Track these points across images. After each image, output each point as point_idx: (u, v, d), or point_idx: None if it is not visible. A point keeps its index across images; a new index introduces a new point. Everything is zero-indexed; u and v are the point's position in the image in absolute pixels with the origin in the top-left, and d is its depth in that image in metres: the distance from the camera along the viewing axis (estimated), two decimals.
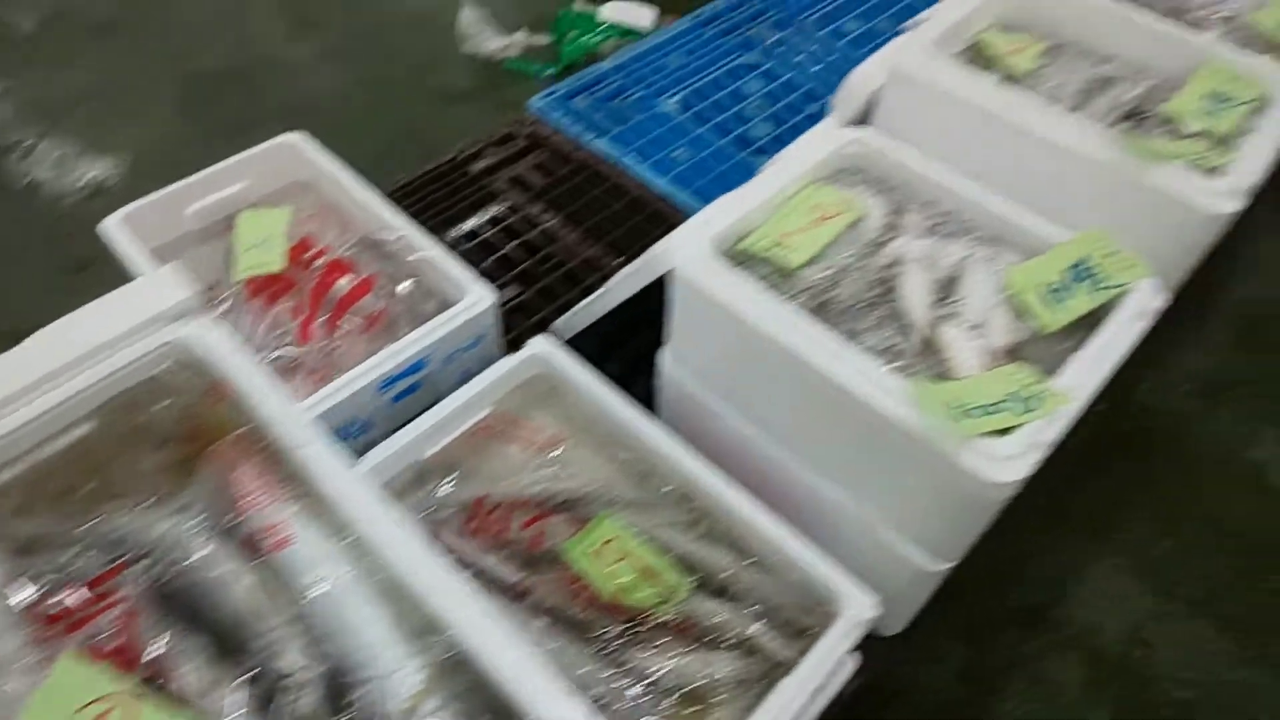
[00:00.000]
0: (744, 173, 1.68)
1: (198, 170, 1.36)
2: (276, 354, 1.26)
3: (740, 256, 1.01)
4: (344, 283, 1.33)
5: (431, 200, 1.65)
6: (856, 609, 0.89)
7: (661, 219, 1.62)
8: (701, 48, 2.00)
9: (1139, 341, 0.92)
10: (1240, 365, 1.65)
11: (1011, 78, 1.15)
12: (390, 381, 1.20)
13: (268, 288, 1.31)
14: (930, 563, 0.96)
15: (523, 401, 1.15)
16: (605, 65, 1.92)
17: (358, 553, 0.66)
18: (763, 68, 1.96)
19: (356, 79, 2.22)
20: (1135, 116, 1.11)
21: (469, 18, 2.27)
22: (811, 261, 0.99)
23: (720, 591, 0.96)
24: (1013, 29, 1.26)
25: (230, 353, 0.79)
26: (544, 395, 1.15)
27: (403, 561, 0.68)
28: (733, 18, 2.09)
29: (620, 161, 1.71)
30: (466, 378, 1.17)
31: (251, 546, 0.65)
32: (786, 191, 1.06)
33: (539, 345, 1.14)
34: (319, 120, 2.08)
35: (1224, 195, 0.94)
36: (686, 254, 0.96)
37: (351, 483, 0.71)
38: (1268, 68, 1.15)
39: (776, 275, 0.98)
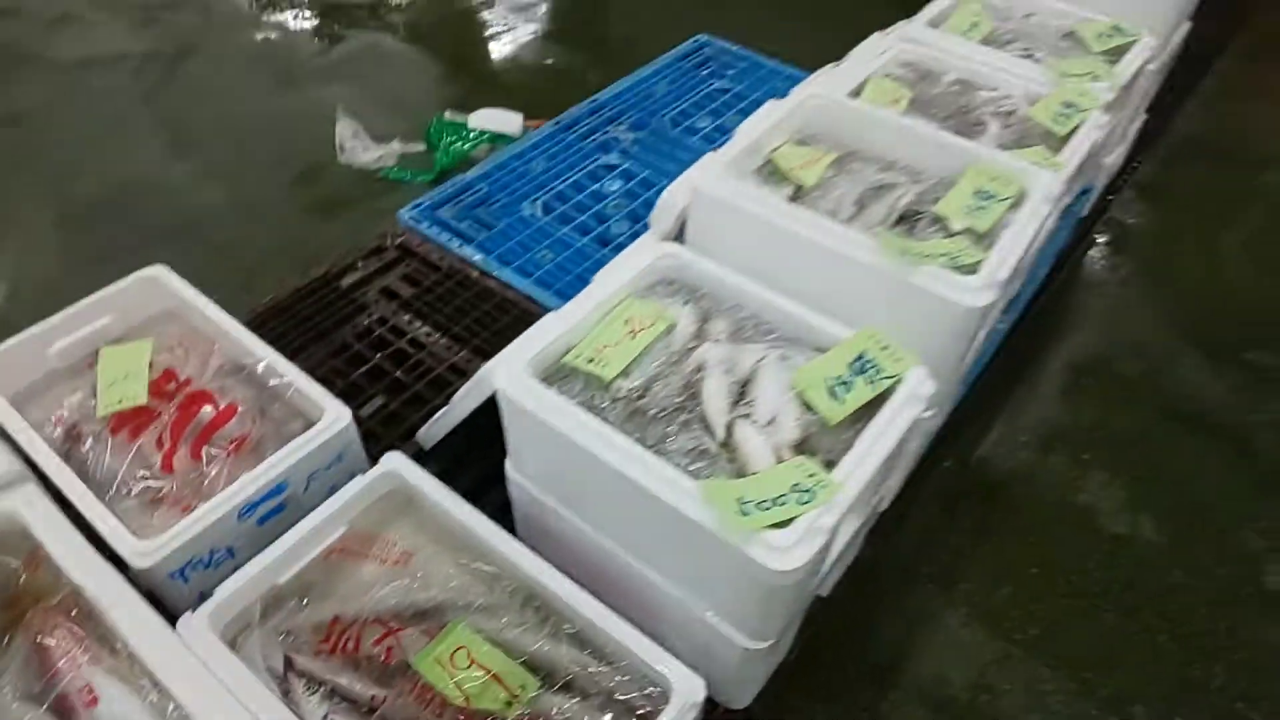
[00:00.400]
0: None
1: (78, 298, 1.39)
2: (141, 487, 1.30)
3: (562, 371, 1.10)
4: (207, 411, 1.38)
5: (304, 316, 1.72)
6: (687, 692, 0.96)
7: (526, 320, 1.71)
8: (563, 152, 2.13)
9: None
10: (1065, 417, 1.81)
11: (802, 189, 1.29)
12: (252, 507, 1.25)
13: (131, 421, 1.35)
14: (751, 642, 1.04)
15: (380, 516, 1.20)
16: (471, 174, 2.04)
17: (166, 707, 0.71)
18: (620, 168, 2.10)
19: (234, 197, 2.29)
20: (910, 218, 1.25)
21: (344, 130, 2.37)
22: (625, 372, 1.09)
23: (567, 687, 1.02)
24: (807, 141, 1.41)
25: (47, 519, 0.84)
26: (400, 507, 1.21)
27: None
28: (591, 123, 2.23)
29: (486, 267, 1.81)
30: (333, 491, 1.23)
31: (63, 708, 0.69)
32: (605, 306, 1.16)
33: (391, 461, 1.20)
34: (198, 240, 2.14)
35: (976, 291, 1.08)
36: (507, 374, 1.05)
37: (162, 639, 0.76)
38: (1027, 166, 1.32)
39: (594, 387, 1.08)
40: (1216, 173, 2.48)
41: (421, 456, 1.51)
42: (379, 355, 1.65)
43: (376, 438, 1.52)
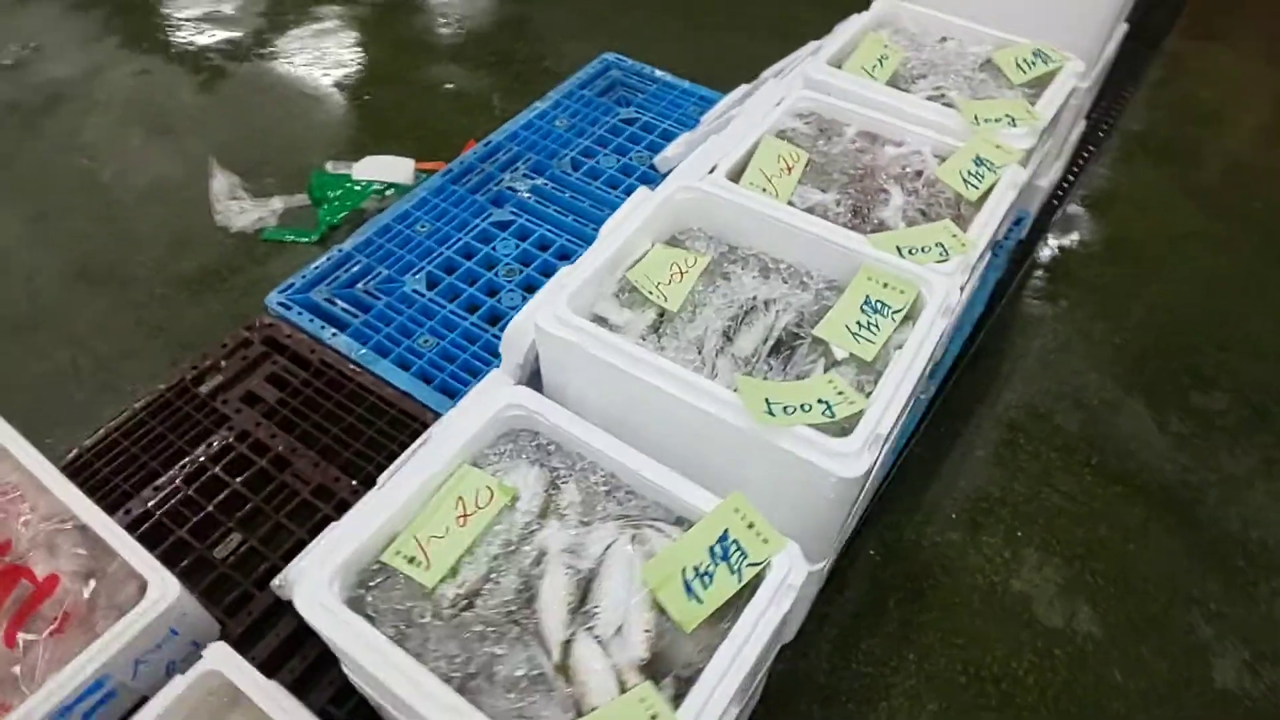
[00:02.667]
0: (491, 354, 1.64)
1: None
2: None
3: (382, 571, 0.95)
4: (23, 585, 1.22)
5: (156, 436, 1.55)
6: None
7: (402, 423, 1.56)
8: (452, 209, 1.95)
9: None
10: (999, 485, 1.68)
11: (664, 315, 1.13)
12: (69, 708, 1.11)
13: None
14: None
15: (209, 714, 1.06)
16: (349, 244, 1.86)
17: None
18: (515, 224, 1.92)
19: (96, 275, 2.09)
20: (789, 343, 1.09)
21: (219, 187, 2.18)
22: (454, 570, 0.94)
23: None
24: (681, 240, 1.25)
25: None
26: (230, 704, 1.07)
27: None
28: (485, 169, 2.05)
29: (361, 360, 1.65)
30: (171, 670, 1.09)
31: None
32: (437, 478, 1.01)
33: (213, 659, 1.05)
34: (53, 331, 1.95)
35: (849, 458, 0.93)
36: (305, 585, 0.90)
37: None
38: (920, 272, 1.16)
39: (417, 595, 0.93)
40: (1164, 177, 2.33)
41: (280, 606, 1.37)
42: (238, 480, 1.49)
43: (231, 584, 1.37)
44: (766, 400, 0.97)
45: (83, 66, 2.67)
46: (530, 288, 1.80)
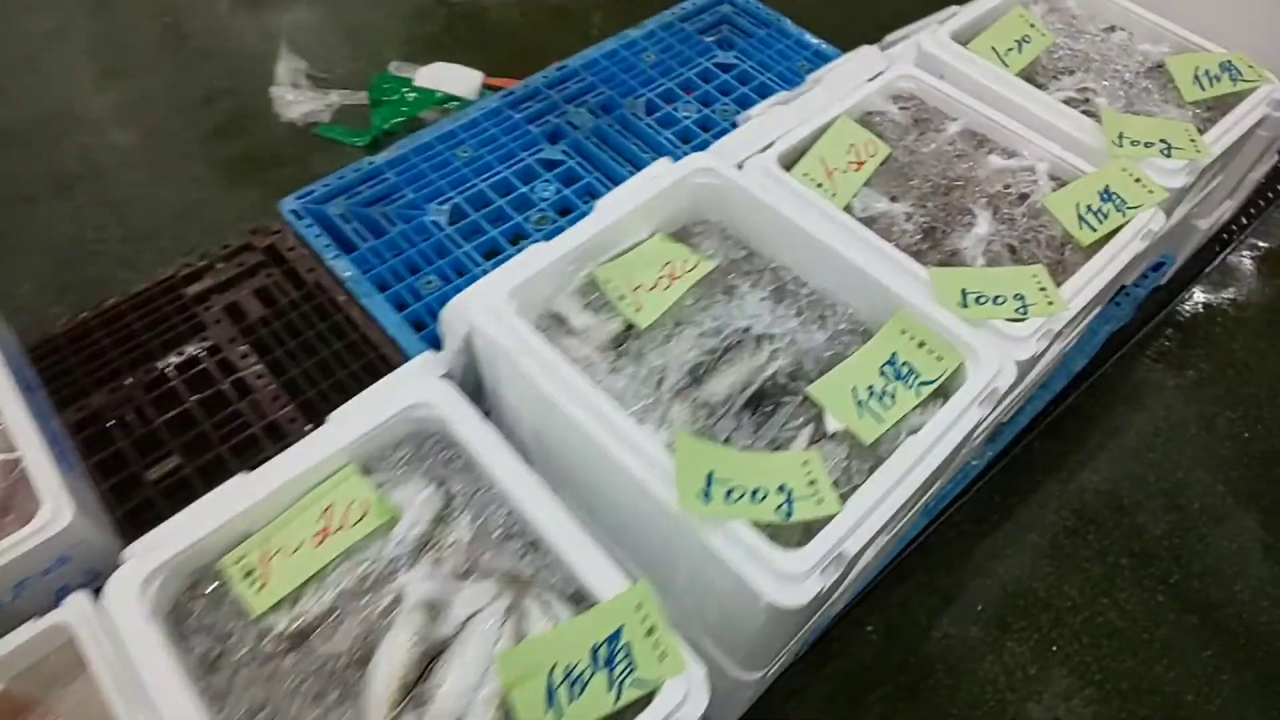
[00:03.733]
0: None
1: None
2: None
3: (219, 578, 0.80)
4: None
5: (128, 334, 1.45)
6: None
7: (377, 370, 1.40)
8: (503, 135, 1.75)
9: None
10: (1046, 583, 1.39)
11: (630, 329, 0.90)
12: None
13: None
14: None
15: (49, 676, 0.96)
16: (381, 158, 1.69)
17: None
18: (562, 166, 1.71)
19: (149, 143, 2.02)
20: (773, 397, 0.85)
21: (284, 72, 2.05)
22: (293, 599, 0.78)
23: None
24: (690, 233, 1.01)
25: None
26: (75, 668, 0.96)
27: None
28: (550, 97, 1.83)
29: (356, 290, 1.50)
30: (62, 594, 0.99)
31: None
32: (316, 474, 0.84)
33: (71, 610, 0.94)
34: (96, 194, 1.90)
35: (790, 581, 0.70)
36: (117, 582, 0.76)
37: None
38: (974, 340, 0.88)
39: (241, 618, 0.77)
40: None
41: None
42: (193, 398, 1.38)
43: (155, 512, 1.27)
44: (708, 475, 0.75)
45: None
46: None
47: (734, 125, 1.78)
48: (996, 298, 0.99)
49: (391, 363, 1.41)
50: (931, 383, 0.86)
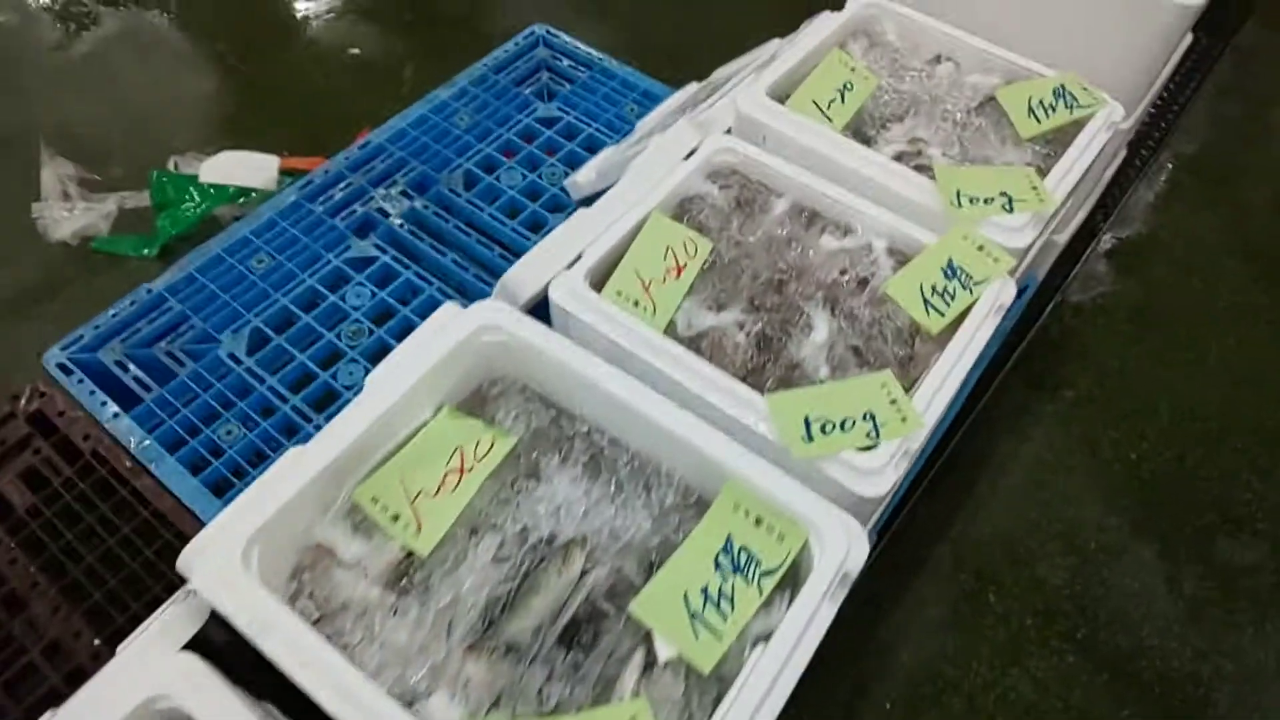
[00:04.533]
0: None
1: None
2: None
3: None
4: None
5: None
6: None
7: (174, 551, 1.20)
8: (304, 236, 1.55)
9: None
10: (955, 662, 1.30)
11: (414, 557, 0.74)
12: None
13: None
14: None
15: None
16: (160, 283, 1.47)
17: None
18: (377, 264, 1.52)
19: None
20: (591, 626, 0.70)
21: (50, 180, 1.78)
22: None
23: None
24: (488, 395, 0.85)
25: None
26: None
27: None
28: (354, 182, 1.63)
29: (143, 455, 1.28)
30: None
31: None
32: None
33: None
34: None
35: None
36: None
37: None
38: (809, 500, 0.76)
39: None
40: (1216, 223, 1.86)
41: None
42: None
43: None
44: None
45: None
46: (378, 355, 1.40)
47: (564, 191, 1.64)
48: (845, 422, 0.87)
49: (189, 539, 1.21)
50: (774, 572, 0.72)
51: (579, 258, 1.00)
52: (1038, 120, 1.19)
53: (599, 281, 0.98)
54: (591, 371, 0.83)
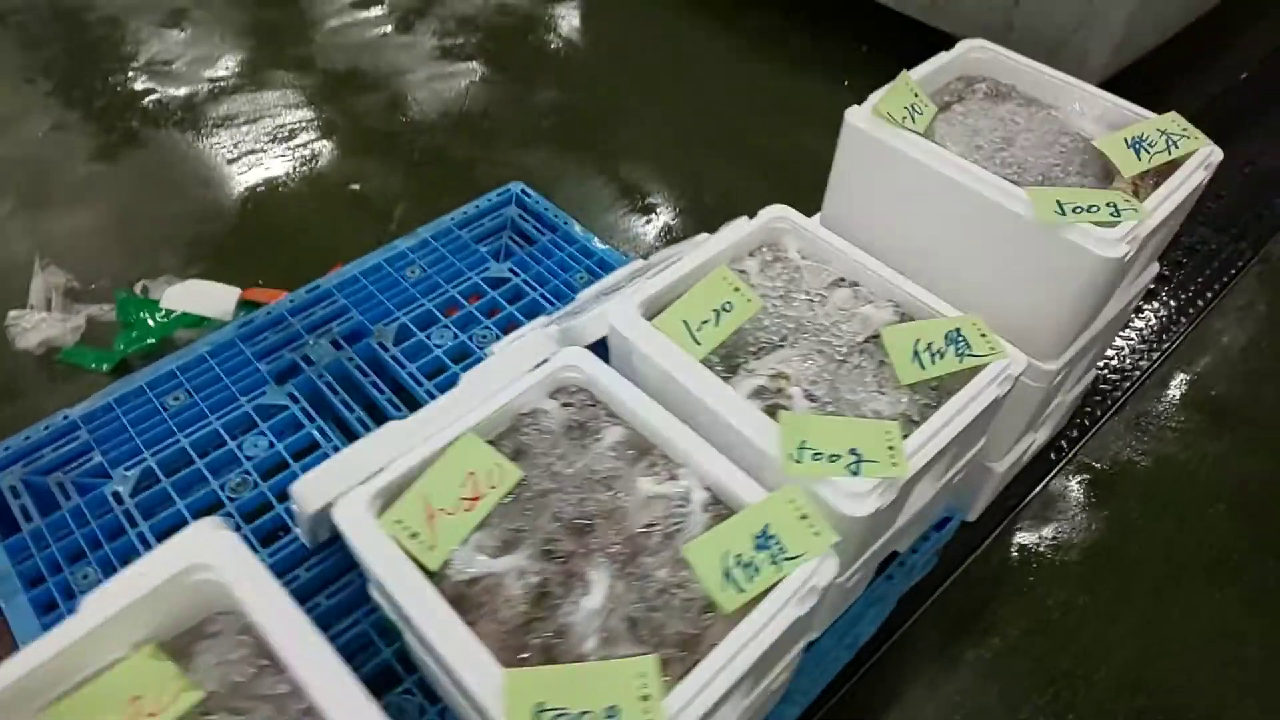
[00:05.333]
0: None
1: None
2: None
3: None
4: None
5: None
6: None
7: None
8: (226, 376, 1.57)
9: None
10: None
11: None
12: None
13: None
14: None
15: None
16: (78, 410, 1.51)
17: None
18: (284, 415, 1.52)
19: None
20: None
21: (39, 288, 1.89)
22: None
23: None
24: (201, 634, 0.80)
25: None
26: None
27: None
28: (291, 326, 1.66)
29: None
30: None
31: None
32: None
33: None
34: None
35: None
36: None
37: None
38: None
39: None
40: (1208, 459, 1.68)
41: None
42: None
43: None
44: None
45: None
46: (257, 512, 1.39)
47: (490, 355, 1.62)
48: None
49: None
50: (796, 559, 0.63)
51: (381, 471, 0.97)
52: (922, 365, 1.11)
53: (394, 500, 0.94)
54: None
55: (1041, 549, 1.54)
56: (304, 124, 2.44)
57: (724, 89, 2.63)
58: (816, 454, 0.99)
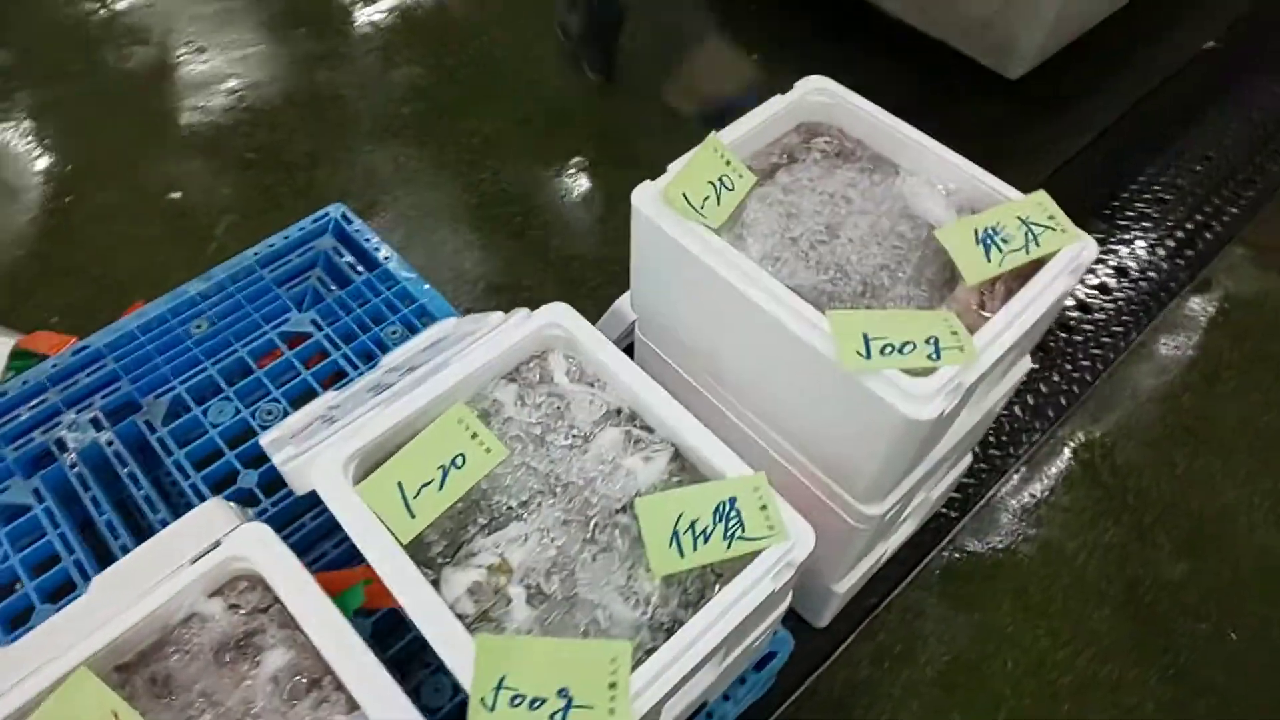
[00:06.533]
0: None
1: None
2: None
3: None
4: None
5: None
6: None
7: None
8: None
9: None
10: None
11: None
12: None
13: None
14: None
15: None
16: None
17: None
18: (26, 519, 1.32)
19: None
20: None
21: None
22: None
23: None
24: None
25: None
26: None
27: None
28: (47, 400, 1.44)
29: None
30: None
31: None
32: None
33: None
34: None
35: None
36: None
37: None
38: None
39: None
40: (1105, 549, 1.48)
41: None
42: None
43: None
44: None
45: None
46: None
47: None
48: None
49: None
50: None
51: None
52: (680, 553, 0.89)
53: None
54: None
55: (895, 661, 1.36)
56: (115, 109, 2.13)
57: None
58: (517, 697, 0.79)
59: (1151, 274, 1.99)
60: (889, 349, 0.90)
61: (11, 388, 1.46)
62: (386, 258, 1.64)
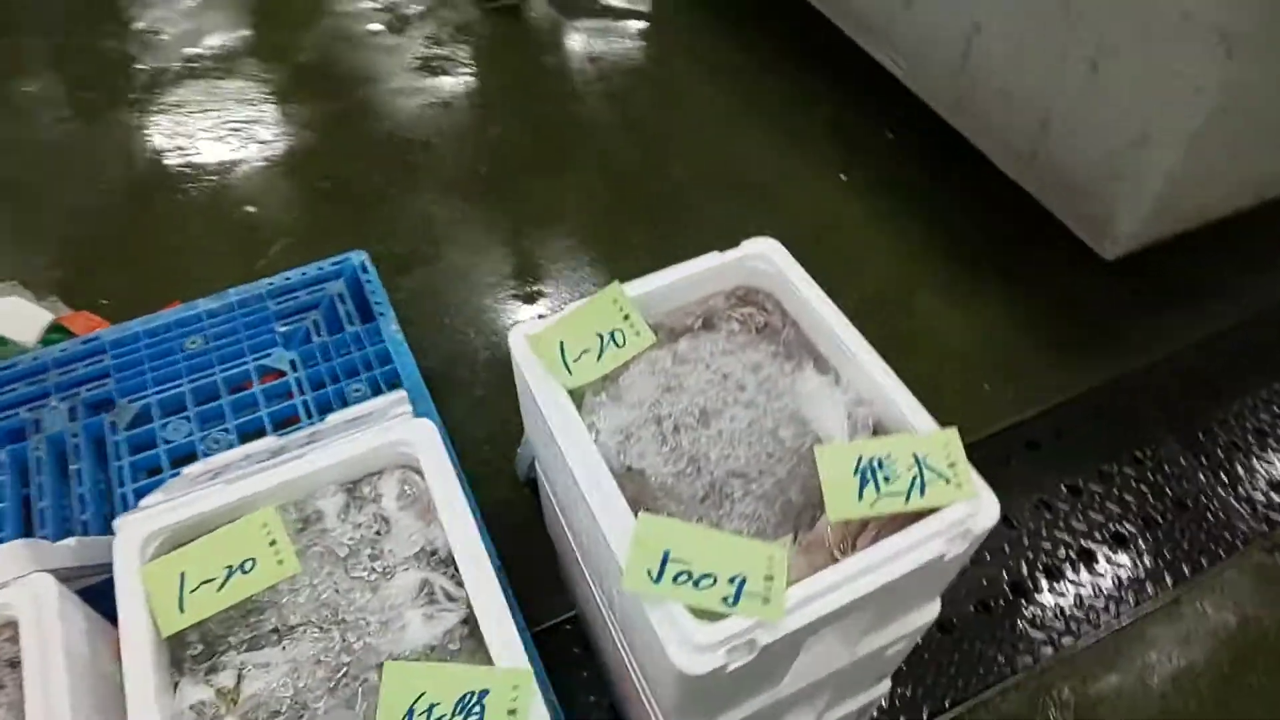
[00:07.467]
0: None
1: None
2: None
3: None
4: None
5: None
6: None
7: None
8: None
9: None
10: None
11: None
12: None
13: None
14: None
15: None
16: None
17: None
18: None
19: None
20: None
21: None
22: None
23: None
24: None
25: None
26: None
27: None
28: (44, 380, 1.56)
29: None
30: None
31: None
32: None
33: None
34: None
35: None
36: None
37: None
38: None
39: None
40: None
41: None
42: None
43: None
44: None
45: None
46: None
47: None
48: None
49: None
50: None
51: None
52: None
53: None
54: None
55: None
56: (235, 127, 2.32)
57: (703, 164, 2.27)
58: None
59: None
60: (683, 577, 0.79)
61: (23, 361, 1.59)
62: (382, 314, 1.66)
